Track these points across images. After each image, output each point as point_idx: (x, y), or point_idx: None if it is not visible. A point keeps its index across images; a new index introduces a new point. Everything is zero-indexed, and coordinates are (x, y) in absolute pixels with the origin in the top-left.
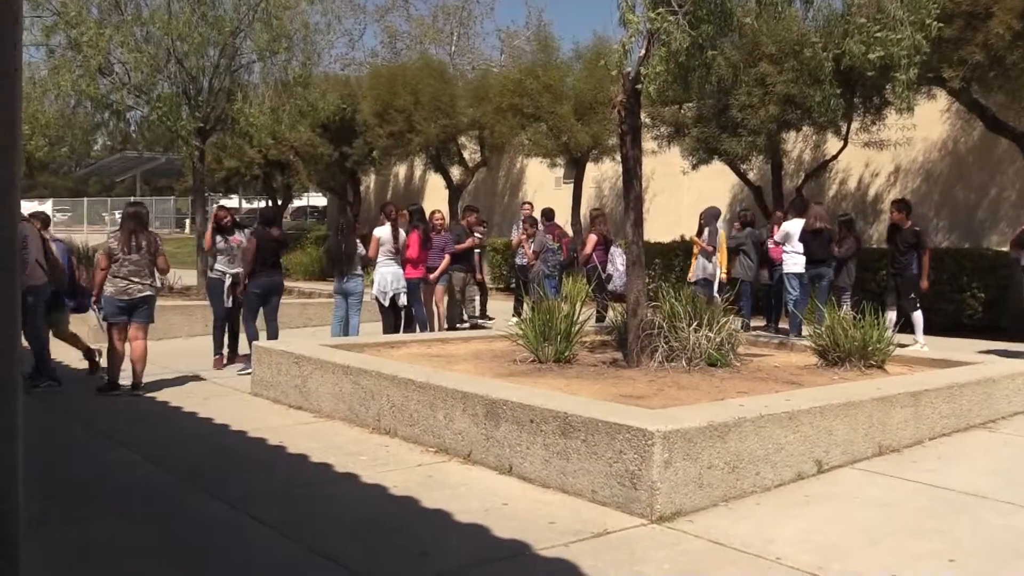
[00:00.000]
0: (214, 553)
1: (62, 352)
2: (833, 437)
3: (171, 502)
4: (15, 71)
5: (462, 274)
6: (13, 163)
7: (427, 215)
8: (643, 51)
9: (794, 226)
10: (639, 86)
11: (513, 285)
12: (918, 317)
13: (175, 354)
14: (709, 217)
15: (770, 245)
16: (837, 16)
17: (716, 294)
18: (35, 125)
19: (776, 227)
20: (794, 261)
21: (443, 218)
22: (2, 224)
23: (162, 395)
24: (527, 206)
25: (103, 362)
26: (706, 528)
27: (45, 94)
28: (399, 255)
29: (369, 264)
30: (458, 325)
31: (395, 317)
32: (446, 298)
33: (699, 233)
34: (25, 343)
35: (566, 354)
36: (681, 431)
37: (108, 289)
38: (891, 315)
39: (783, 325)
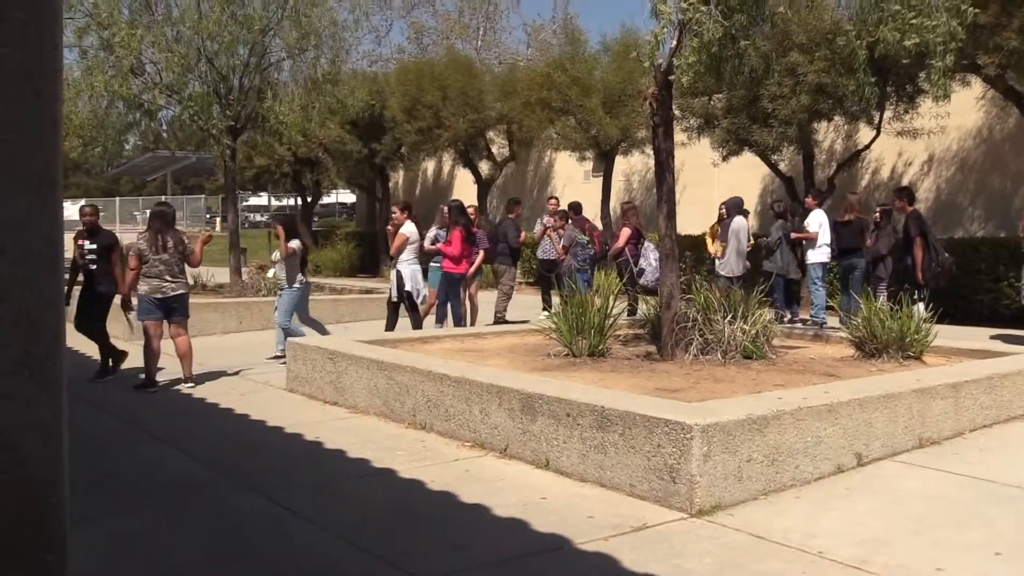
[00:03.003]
0: (254, 547)
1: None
2: (873, 429)
3: (211, 496)
4: (56, 71)
5: (514, 269)
6: (55, 162)
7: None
8: (675, 42)
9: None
10: (671, 77)
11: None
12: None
13: (210, 350)
14: (731, 208)
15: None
16: (871, 3)
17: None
18: (69, 126)
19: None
20: (819, 251)
21: (476, 213)
22: (46, 223)
23: (199, 391)
24: (553, 201)
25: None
26: (746, 521)
27: (79, 95)
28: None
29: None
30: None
31: (397, 315)
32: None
33: (719, 221)
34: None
35: (600, 348)
36: (720, 424)
37: (142, 288)
38: (919, 305)
39: (804, 316)
